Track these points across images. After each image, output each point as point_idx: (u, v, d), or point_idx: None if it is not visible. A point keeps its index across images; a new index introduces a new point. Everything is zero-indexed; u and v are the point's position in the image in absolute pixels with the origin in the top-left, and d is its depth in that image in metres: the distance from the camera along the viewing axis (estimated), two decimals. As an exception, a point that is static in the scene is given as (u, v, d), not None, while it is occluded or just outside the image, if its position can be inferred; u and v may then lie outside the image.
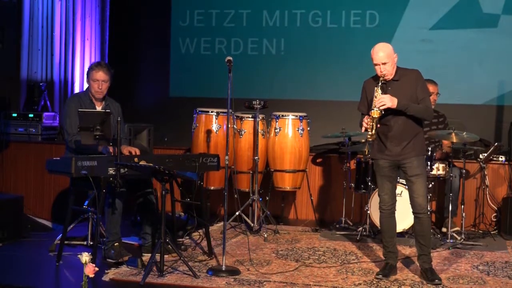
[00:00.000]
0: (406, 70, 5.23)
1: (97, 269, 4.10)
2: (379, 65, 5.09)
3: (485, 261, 5.88)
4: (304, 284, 5.01)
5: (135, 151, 5.69)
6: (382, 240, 5.41)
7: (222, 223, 6.87)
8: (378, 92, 5.05)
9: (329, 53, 8.59)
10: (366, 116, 5.11)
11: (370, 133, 5.03)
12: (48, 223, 7.53)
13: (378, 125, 5.08)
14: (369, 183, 6.79)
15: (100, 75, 5.88)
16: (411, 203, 5.22)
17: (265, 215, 6.96)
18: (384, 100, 5.00)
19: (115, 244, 5.55)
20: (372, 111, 5.01)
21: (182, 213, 7.38)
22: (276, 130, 7.26)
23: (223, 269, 5.23)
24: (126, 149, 5.72)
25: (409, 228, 6.53)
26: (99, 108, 5.94)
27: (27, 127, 8.22)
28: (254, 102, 6.93)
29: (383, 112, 5.03)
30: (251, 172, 7.23)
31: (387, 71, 5.09)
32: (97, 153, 5.59)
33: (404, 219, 6.34)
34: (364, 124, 5.06)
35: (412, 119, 5.15)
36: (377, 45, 5.15)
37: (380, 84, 5.07)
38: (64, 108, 6.00)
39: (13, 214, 6.50)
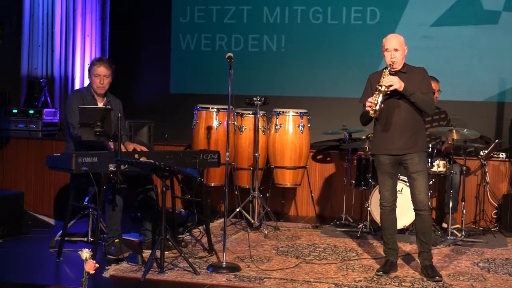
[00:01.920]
0: (413, 67, 5.27)
1: (97, 265, 4.09)
2: (390, 51, 5.10)
3: (485, 258, 5.88)
4: (304, 281, 5.01)
5: (141, 148, 5.70)
6: (383, 237, 5.41)
7: (222, 220, 6.88)
8: (386, 73, 5.06)
9: (329, 50, 8.58)
10: (368, 98, 5.09)
11: (375, 108, 5.00)
12: (49, 220, 7.53)
13: (382, 105, 5.05)
14: (370, 180, 6.78)
15: (102, 70, 5.89)
16: (412, 200, 5.22)
17: (266, 212, 6.96)
18: (392, 80, 5.01)
19: (116, 240, 5.54)
20: (380, 87, 4.99)
21: (183, 210, 7.38)
22: (276, 127, 7.25)
23: (224, 265, 5.23)
24: (131, 146, 5.72)
25: (410, 225, 6.54)
26: (100, 104, 5.94)
27: (28, 124, 8.22)
28: (254, 99, 6.93)
29: (388, 91, 5.01)
30: (251, 168, 7.23)
31: (396, 58, 5.10)
32: (103, 147, 5.59)
33: (404, 216, 6.34)
34: (368, 103, 5.04)
35: (415, 113, 5.15)
36: (390, 34, 5.23)
37: (388, 69, 5.08)
38: (66, 103, 5.99)
39: (14, 210, 6.50)
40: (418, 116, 5.19)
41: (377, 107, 5.00)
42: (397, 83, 5.03)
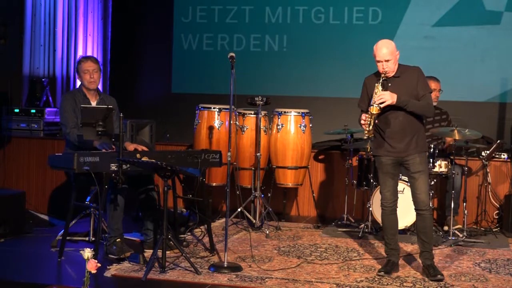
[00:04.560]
0: (407, 67, 5.22)
1: (99, 265, 4.09)
2: (382, 62, 5.06)
3: (487, 259, 5.88)
4: (306, 281, 5.01)
5: (142, 148, 5.70)
6: (384, 237, 5.41)
7: (224, 220, 6.87)
8: (378, 88, 5.04)
9: (331, 50, 8.58)
10: (362, 114, 5.10)
11: (367, 129, 5.02)
12: (50, 219, 7.54)
13: (376, 121, 5.07)
14: (371, 180, 6.78)
15: (90, 64, 5.92)
16: (413, 200, 5.22)
17: (267, 212, 6.96)
18: (384, 97, 4.99)
19: (117, 240, 5.55)
20: (371, 107, 5.00)
21: (184, 209, 7.38)
22: (278, 127, 7.25)
23: (225, 265, 5.23)
24: (131, 146, 5.73)
25: (411, 225, 6.54)
26: (93, 103, 5.95)
27: (29, 123, 8.22)
28: (256, 99, 6.93)
29: (380, 109, 5.02)
30: (253, 168, 7.23)
31: (389, 68, 5.07)
32: (93, 148, 5.59)
33: (406, 216, 6.35)
34: (362, 121, 5.05)
35: (413, 116, 5.14)
36: (380, 42, 5.12)
37: (381, 80, 5.06)
38: (60, 105, 6.02)
39: (15, 209, 6.50)
40: (416, 119, 5.18)
41: (370, 127, 5.02)
42: (389, 99, 5.01)
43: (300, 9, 8.72)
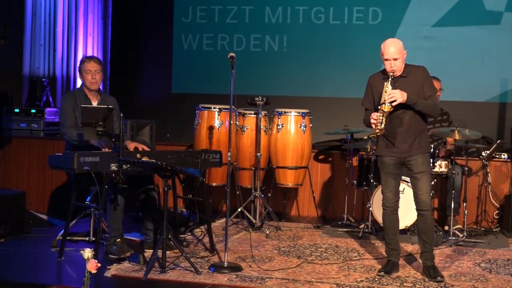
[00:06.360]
0: (413, 66, 5.21)
1: (99, 265, 4.09)
2: (390, 60, 5.04)
3: (487, 259, 5.88)
4: (306, 281, 5.01)
5: (142, 147, 5.70)
6: (385, 237, 5.41)
7: (224, 220, 6.88)
8: (388, 87, 5.02)
9: (331, 50, 8.57)
10: (373, 113, 5.08)
11: (379, 127, 5.01)
12: (50, 219, 7.53)
13: (388, 120, 5.06)
14: (371, 180, 6.78)
15: (92, 65, 5.92)
16: (415, 200, 5.22)
17: (267, 212, 6.96)
18: (394, 95, 4.98)
19: (117, 240, 5.55)
20: (384, 105, 4.98)
21: (184, 209, 7.38)
22: (278, 127, 7.25)
23: (225, 265, 5.23)
24: (132, 145, 5.72)
25: (411, 225, 6.53)
26: (95, 103, 5.95)
27: (29, 123, 8.22)
28: (256, 99, 6.93)
29: (393, 108, 5.01)
30: (253, 168, 7.22)
31: (397, 67, 5.06)
32: (90, 147, 5.59)
33: (406, 216, 6.34)
34: (373, 120, 5.04)
35: (418, 116, 5.14)
36: (388, 40, 5.11)
37: (390, 79, 5.04)
38: (60, 105, 6.02)
39: (15, 209, 6.50)
40: (420, 119, 5.18)
41: (382, 125, 5.00)
42: (400, 97, 4.99)
43: (300, 9, 8.72)
